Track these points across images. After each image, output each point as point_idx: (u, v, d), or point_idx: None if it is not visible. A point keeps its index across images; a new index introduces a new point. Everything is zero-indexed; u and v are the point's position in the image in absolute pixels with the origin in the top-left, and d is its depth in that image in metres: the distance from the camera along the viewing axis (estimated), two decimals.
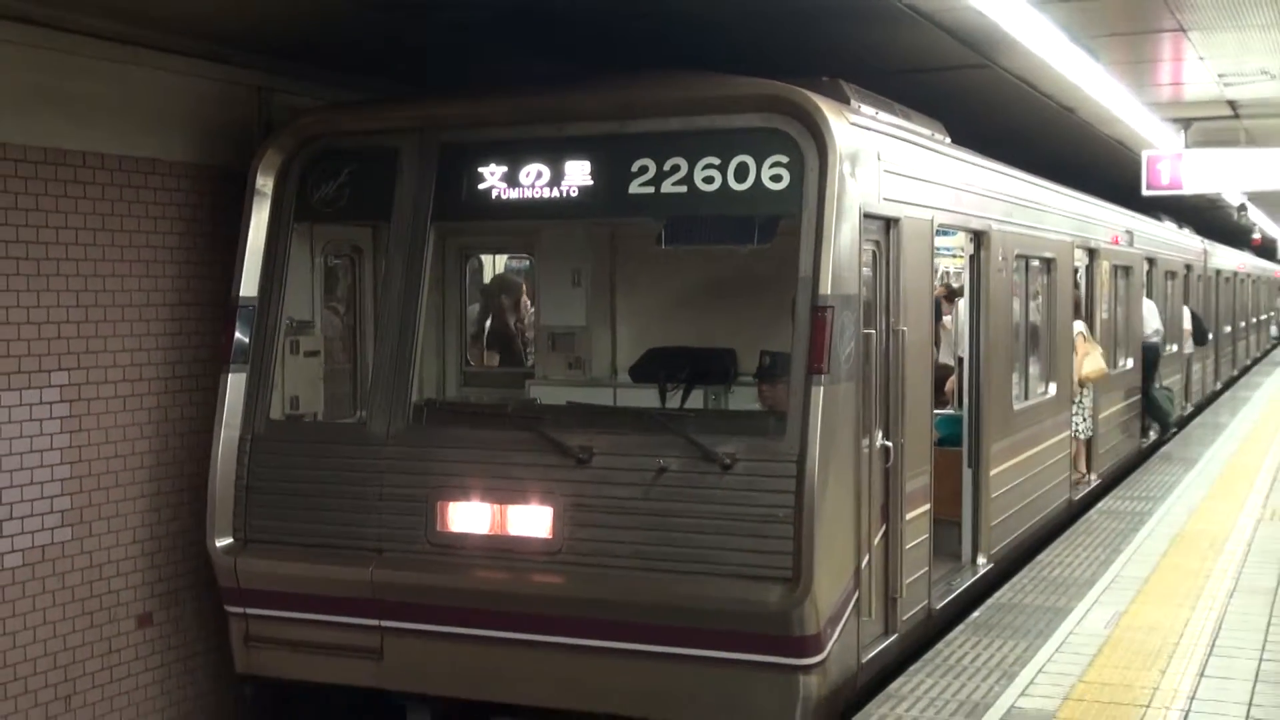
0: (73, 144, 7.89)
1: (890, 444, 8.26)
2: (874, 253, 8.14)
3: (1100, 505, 13.60)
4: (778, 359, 8.69)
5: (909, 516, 8.52)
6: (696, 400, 9.98)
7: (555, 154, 7.93)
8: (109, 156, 8.12)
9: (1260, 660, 8.06)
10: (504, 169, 8.04)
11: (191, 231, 8.69)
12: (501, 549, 7.71)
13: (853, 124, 7.68)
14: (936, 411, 9.62)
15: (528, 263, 13.92)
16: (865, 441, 7.78)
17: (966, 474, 10.43)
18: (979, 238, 10.43)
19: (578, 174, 7.90)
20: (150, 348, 8.43)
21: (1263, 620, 8.95)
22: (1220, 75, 13.38)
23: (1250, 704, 7.24)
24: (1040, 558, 11.01)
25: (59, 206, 7.82)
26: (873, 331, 7.99)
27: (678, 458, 7.36)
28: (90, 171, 8.00)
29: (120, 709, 8.28)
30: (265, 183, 8.49)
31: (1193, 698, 7.34)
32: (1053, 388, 12.82)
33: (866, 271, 7.92)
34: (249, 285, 8.40)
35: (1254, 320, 40.04)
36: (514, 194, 8.03)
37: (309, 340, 9.29)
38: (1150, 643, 8.39)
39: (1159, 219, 21.53)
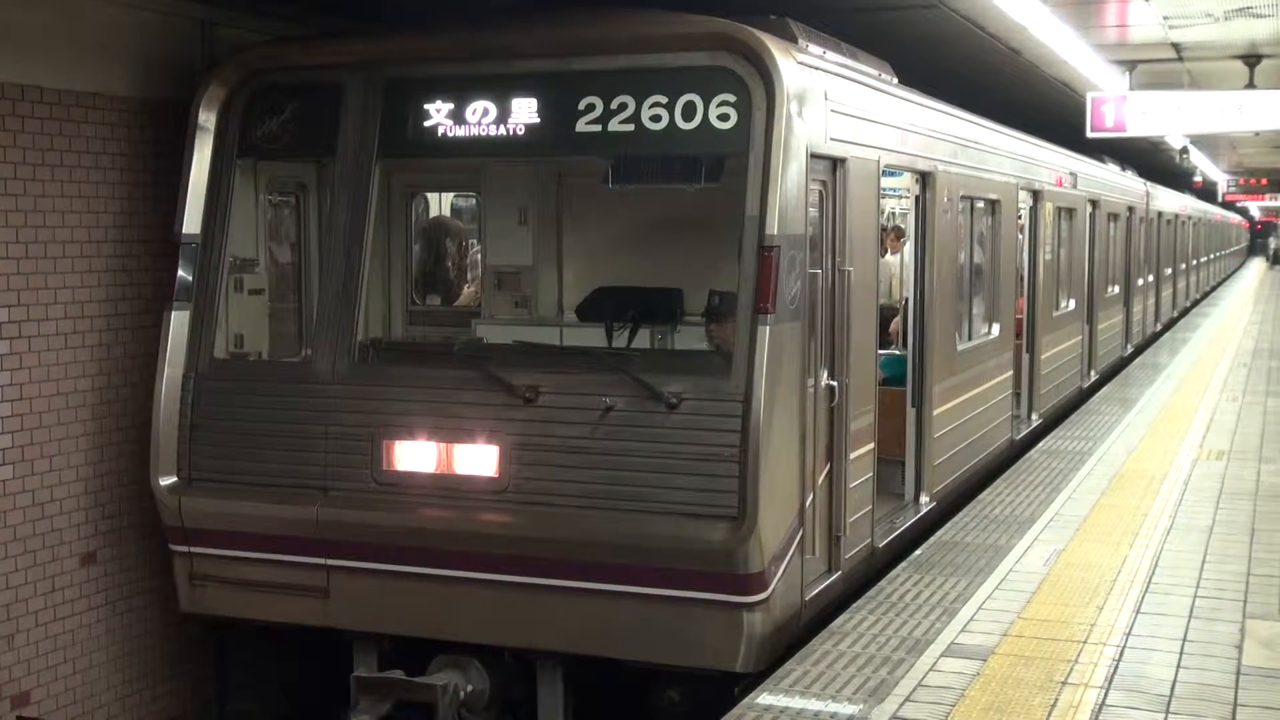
0: (10, 76, 7.74)
1: (835, 383, 8.30)
2: (820, 193, 8.14)
3: (1041, 445, 13.75)
4: (725, 299, 8.70)
5: (853, 455, 8.58)
6: (643, 340, 9.99)
7: (501, 91, 7.87)
8: (49, 90, 7.98)
9: (1195, 596, 8.20)
10: (449, 106, 7.97)
11: (134, 167, 8.57)
12: (448, 488, 7.71)
13: (800, 63, 7.66)
14: (881, 351, 9.67)
15: (474, 201, 13.82)
16: (810, 381, 7.82)
17: (910, 413, 10.51)
18: (925, 179, 10.45)
19: (524, 111, 7.84)
20: (92, 285, 8.33)
21: (1198, 557, 9.11)
22: (1165, 18, 13.44)
23: (1184, 639, 7.38)
24: (982, 496, 11.13)
25: None
26: (819, 271, 8.01)
27: (624, 397, 7.38)
28: (29, 105, 7.86)
29: (64, 647, 8.25)
30: (208, 118, 8.38)
31: (1129, 633, 7.47)
32: (995, 328, 12.92)
33: (813, 211, 7.92)
34: (192, 222, 8.32)
35: (1194, 262, 40.45)
36: (460, 131, 7.97)
37: (253, 278, 9.20)
38: (1088, 580, 8.53)
39: (1102, 161, 21.65)
